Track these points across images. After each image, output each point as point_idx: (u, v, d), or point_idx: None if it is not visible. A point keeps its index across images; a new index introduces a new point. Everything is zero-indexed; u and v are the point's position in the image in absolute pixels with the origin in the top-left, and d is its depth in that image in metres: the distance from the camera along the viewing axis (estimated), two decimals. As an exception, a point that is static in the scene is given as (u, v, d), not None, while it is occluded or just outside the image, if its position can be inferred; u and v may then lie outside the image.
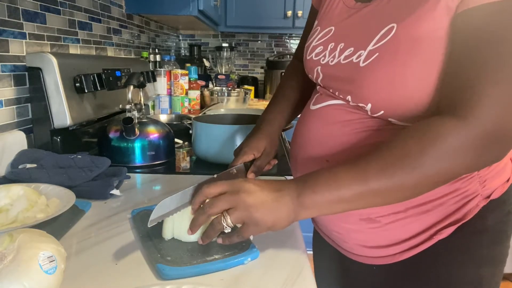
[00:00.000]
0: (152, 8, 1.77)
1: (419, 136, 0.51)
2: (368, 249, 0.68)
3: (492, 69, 0.49)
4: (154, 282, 0.53)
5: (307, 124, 0.72)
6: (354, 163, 0.53)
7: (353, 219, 0.66)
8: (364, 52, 0.59)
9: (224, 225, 0.54)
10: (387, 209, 0.63)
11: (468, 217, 0.61)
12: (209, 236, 0.57)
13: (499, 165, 0.64)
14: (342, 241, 0.72)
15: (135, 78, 1.08)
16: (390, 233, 0.64)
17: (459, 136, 0.49)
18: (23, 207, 0.68)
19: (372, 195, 0.52)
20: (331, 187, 0.52)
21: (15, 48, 1.00)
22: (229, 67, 2.98)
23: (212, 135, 1.06)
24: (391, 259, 0.65)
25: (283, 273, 0.56)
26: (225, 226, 0.54)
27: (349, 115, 0.64)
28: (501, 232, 0.65)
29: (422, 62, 0.54)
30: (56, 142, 1.05)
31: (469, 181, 0.61)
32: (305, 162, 0.71)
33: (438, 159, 0.49)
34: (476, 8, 0.49)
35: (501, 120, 0.48)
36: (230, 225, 0.54)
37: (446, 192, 0.61)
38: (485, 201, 0.62)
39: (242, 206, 0.53)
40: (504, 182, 0.64)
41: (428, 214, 0.62)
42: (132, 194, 0.87)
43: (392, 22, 0.56)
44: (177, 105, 1.93)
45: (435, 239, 0.62)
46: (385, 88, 0.57)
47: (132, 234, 0.67)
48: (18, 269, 0.44)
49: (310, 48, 0.72)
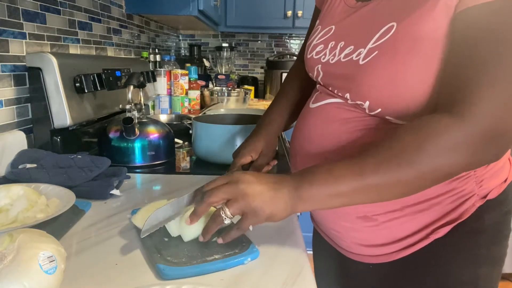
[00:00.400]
0: (152, 8, 1.77)
1: (416, 133, 0.51)
2: (365, 248, 0.68)
3: (491, 68, 0.49)
4: (154, 282, 0.53)
5: (306, 122, 0.72)
6: (351, 158, 0.54)
7: (350, 217, 0.66)
8: (364, 50, 0.59)
9: (224, 216, 0.55)
10: (383, 208, 0.63)
11: (465, 217, 0.61)
12: (209, 230, 0.57)
13: (497, 165, 0.64)
14: (340, 239, 0.72)
15: (135, 78, 1.08)
16: (386, 231, 0.65)
17: (456, 133, 0.49)
18: (23, 207, 0.68)
19: (368, 190, 0.52)
20: (328, 181, 0.53)
21: (15, 48, 1.00)
22: (229, 67, 2.98)
23: (212, 135, 1.06)
24: (388, 258, 0.66)
25: (283, 273, 0.56)
26: (224, 217, 0.55)
27: (348, 113, 0.64)
28: (499, 232, 0.66)
29: (421, 61, 0.54)
30: (56, 142, 1.05)
31: (466, 181, 0.61)
32: (304, 160, 0.72)
33: (435, 156, 0.49)
34: (475, 8, 0.50)
35: (499, 119, 0.48)
36: (229, 215, 0.55)
37: (442, 192, 0.61)
38: (481, 201, 0.62)
39: (241, 196, 0.54)
40: (501, 183, 0.64)
41: (424, 213, 0.62)
42: (132, 194, 0.87)
43: (392, 21, 0.57)
44: (177, 105, 1.93)
45: (431, 238, 0.62)
46: (384, 85, 0.57)
47: (132, 234, 0.67)
48: (18, 269, 0.44)
49: (311, 46, 0.72)
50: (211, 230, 0.57)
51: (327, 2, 0.74)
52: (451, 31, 0.52)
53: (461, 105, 0.50)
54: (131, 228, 0.69)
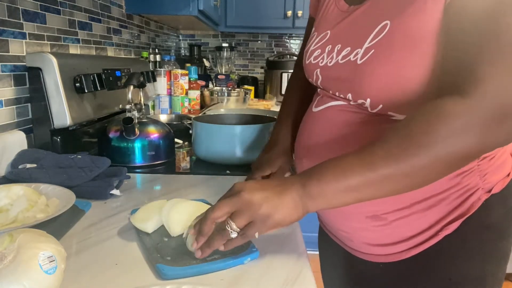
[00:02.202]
0: (152, 8, 1.76)
1: (424, 117, 0.50)
2: (375, 247, 0.68)
3: (492, 46, 0.48)
4: (154, 282, 0.53)
5: (310, 127, 0.73)
6: (360, 150, 0.52)
7: (359, 217, 0.66)
8: (360, 50, 0.60)
9: (230, 230, 0.53)
10: (392, 205, 0.63)
11: (472, 211, 0.61)
12: (212, 245, 0.54)
13: (499, 159, 0.65)
14: (349, 240, 0.72)
15: (135, 78, 1.08)
16: (396, 230, 0.64)
17: (466, 113, 0.47)
18: (23, 207, 0.68)
19: (380, 182, 0.50)
20: (337, 175, 0.51)
21: (15, 48, 1.00)
22: (229, 67, 2.98)
23: (212, 135, 1.06)
24: (398, 257, 0.66)
25: (283, 273, 0.56)
26: (231, 231, 0.53)
27: (350, 114, 0.65)
28: (505, 227, 0.66)
29: (417, 54, 0.55)
30: (56, 142, 1.05)
31: (470, 175, 0.62)
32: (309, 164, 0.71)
33: (447, 137, 0.47)
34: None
35: (507, 94, 0.47)
36: (235, 229, 0.53)
37: (448, 187, 0.61)
38: (486, 195, 0.63)
39: (245, 205, 0.52)
40: (505, 177, 0.65)
41: (432, 209, 0.62)
42: (132, 194, 0.87)
43: (386, 20, 0.58)
44: (177, 105, 1.93)
45: (440, 235, 0.62)
46: (383, 82, 0.58)
47: (132, 234, 0.67)
48: (18, 269, 0.44)
49: (309, 52, 0.74)
50: (214, 245, 0.54)
51: (321, 9, 0.76)
52: (446, 21, 0.53)
53: (467, 86, 0.48)
54: (131, 228, 0.69)
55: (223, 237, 0.54)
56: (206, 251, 0.55)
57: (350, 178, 0.50)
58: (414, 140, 0.49)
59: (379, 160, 0.50)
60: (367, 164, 0.50)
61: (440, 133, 0.48)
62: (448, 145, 0.48)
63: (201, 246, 0.55)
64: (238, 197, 0.53)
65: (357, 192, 0.51)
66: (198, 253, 0.56)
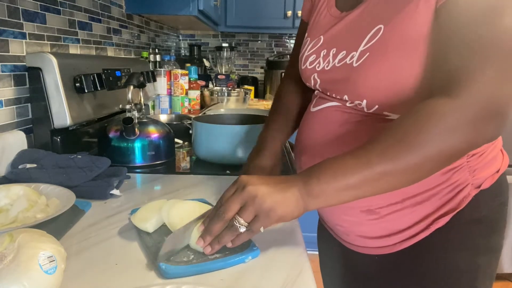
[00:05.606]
0: (152, 8, 1.77)
1: (416, 117, 0.52)
2: (370, 240, 0.71)
3: (480, 48, 0.51)
4: (154, 282, 0.53)
5: (308, 126, 0.76)
6: (357, 149, 0.54)
7: (354, 211, 0.69)
8: (356, 53, 0.63)
9: (238, 225, 0.54)
10: (385, 200, 0.66)
11: (462, 206, 0.64)
12: (222, 241, 0.56)
13: (488, 155, 0.67)
14: (345, 234, 0.75)
15: (135, 78, 1.08)
16: (389, 223, 0.67)
17: (454, 112, 0.50)
18: (23, 207, 0.68)
19: (377, 179, 0.52)
20: (336, 174, 0.53)
21: (15, 48, 1.00)
22: (229, 67, 2.98)
23: (212, 135, 1.06)
24: (392, 249, 0.68)
25: (283, 272, 0.56)
26: (239, 226, 0.54)
27: (347, 114, 0.68)
28: (495, 222, 0.69)
29: (410, 57, 0.58)
30: (56, 142, 1.05)
31: (459, 171, 0.64)
32: (308, 161, 0.74)
33: (437, 136, 0.50)
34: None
35: (494, 95, 0.50)
36: (243, 223, 0.54)
37: (438, 182, 0.64)
38: (476, 190, 0.65)
39: (251, 199, 0.53)
40: (494, 173, 0.67)
41: (423, 204, 0.65)
42: (132, 194, 0.87)
43: (379, 24, 0.60)
44: (177, 105, 1.93)
45: (431, 228, 0.65)
46: (378, 83, 0.60)
47: (132, 234, 0.67)
48: (18, 269, 0.44)
49: (304, 58, 0.76)
50: (224, 241, 0.56)
51: (313, 15, 0.78)
52: (437, 24, 0.55)
53: (456, 86, 0.51)
54: (131, 228, 0.69)
55: (233, 232, 0.55)
56: (215, 247, 0.56)
57: (348, 177, 0.52)
58: (407, 140, 0.51)
59: (374, 159, 0.52)
60: (364, 162, 0.52)
61: (430, 132, 0.50)
62: (438, 142, 0.50)
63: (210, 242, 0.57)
64: (244, 191, 0.54)
65: (355, 190, 0.53)
66: (207, 249, 0.57)
